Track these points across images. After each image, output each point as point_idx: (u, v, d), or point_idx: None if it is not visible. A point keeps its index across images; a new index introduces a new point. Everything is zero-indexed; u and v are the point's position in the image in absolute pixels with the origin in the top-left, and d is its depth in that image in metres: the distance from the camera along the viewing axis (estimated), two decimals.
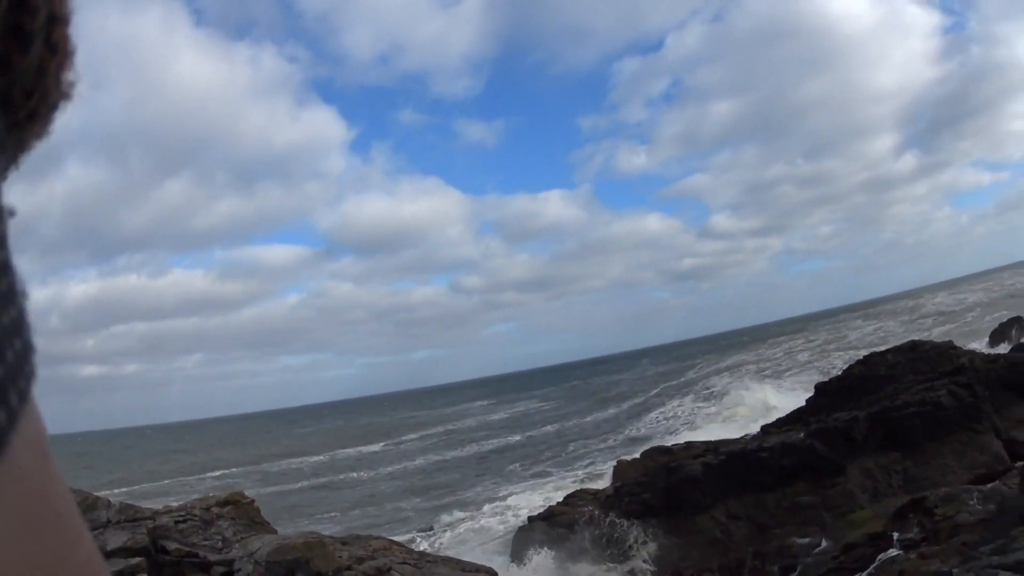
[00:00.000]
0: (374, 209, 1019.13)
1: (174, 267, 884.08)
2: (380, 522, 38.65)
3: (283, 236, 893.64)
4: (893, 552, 16.24)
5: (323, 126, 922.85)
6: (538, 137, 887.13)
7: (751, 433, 31.26)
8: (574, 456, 52.85)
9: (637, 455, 31.76)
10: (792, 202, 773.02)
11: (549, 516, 26.47)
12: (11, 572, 0.58)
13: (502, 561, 25.12)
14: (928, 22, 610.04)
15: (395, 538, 22.05)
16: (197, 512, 17.54)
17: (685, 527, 23.72)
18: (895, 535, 16.95)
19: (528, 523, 26.97)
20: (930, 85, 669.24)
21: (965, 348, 32.06)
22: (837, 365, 53.35)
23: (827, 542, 20.24)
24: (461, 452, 67.57)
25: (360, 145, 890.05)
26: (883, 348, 33.57)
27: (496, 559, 25.26)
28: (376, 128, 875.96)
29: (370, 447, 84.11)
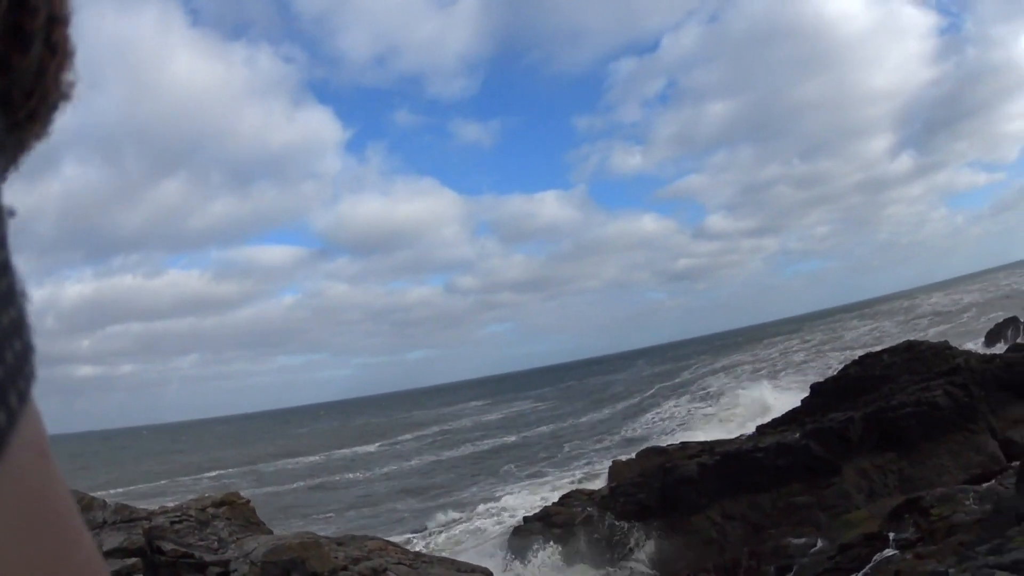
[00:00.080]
0: (370, 209, 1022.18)
1: (170, 267, 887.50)
2: (376, 523, 38.61)
3: (279, 236, 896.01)
4: (889, 552, 16.25)
5: (319, 126, 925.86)
6: (534, 138, 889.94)
7: (746, 433, 31.31)
8: (570, 456, 52.80)
9: (633, 455, 31.77)
10: (788, 202, 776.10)
11: (545, 516, 26.50)
12: (11, 572, 0.58)
13: (498, 561, 25.11)
14: (924, 23, 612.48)
15: (391, 538, 22.03)
16: (193, 513, 17.53)
17: (681, 527, 23.73)
18: (891, 535, 16.97)
19: (524, 523, 26.99)
20: (926, 86, 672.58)
21: (961, 348, 32.17)
22: (833, 365, 53.32)
23: (823, 542, 20.23)
24: (457, 452, 67.53)
25: (356, 145, 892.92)
26: (879, 348, 33.63)
27: (492, 559, 25.24)
28: (372, 129, 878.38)
29: (366, 447, 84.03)
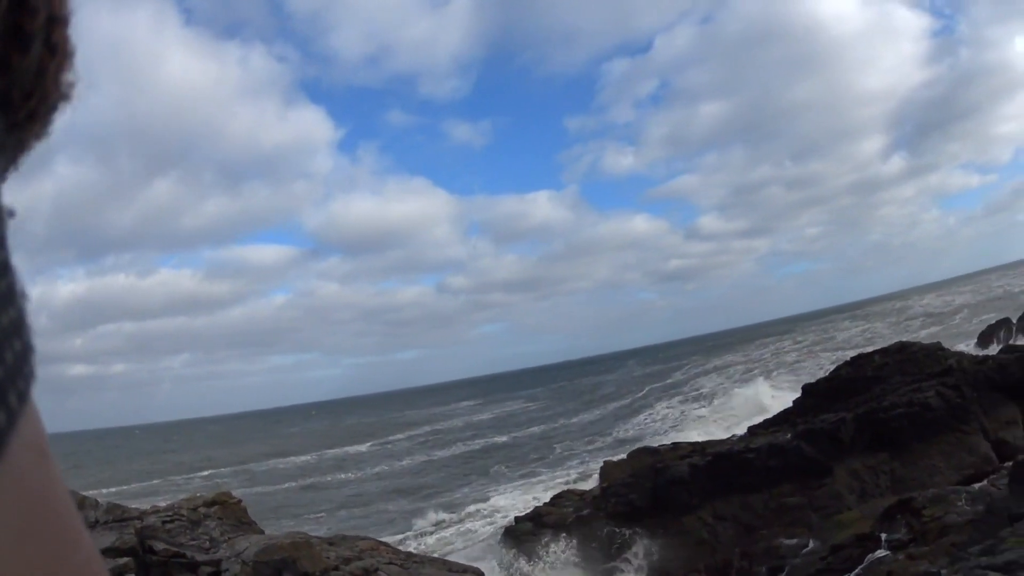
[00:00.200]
0: (361, 209, 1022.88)
1: (162, 267, 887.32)
2: (367, 522, 38.60)
3: (270, 236, 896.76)
4: (881, 553, 16.28)
5: (311, 126, 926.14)
6: (526, 138, 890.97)
7: (738, 434, 31.33)
8: (561, 457, 52.88)
9: (624, 456, 31.74)
10: (780, 204, 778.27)
11: (536, 517, 26.49)
12: (11, 572, 0.58)
13: (489, 562, 25.10)
14: (917, 25, 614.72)
15: (382, 538, 22.02)
16: (184, 512, 17.51)
17: (672, 528, 23.71)
18: (883, 536, 17.00)
19: (515, 524, 26.96)
20: (919, 88, 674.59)
21: (953, 350, 32.19)
22: (825, 366, 53.38)
23: (815, 543, 20.25)
24: (448, 452, 67.57)
25: (348, 145, 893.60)
26: (871, 349, 33.64)
27: (483, 560, 25.24)
28: (364, 128, 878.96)
29: (357, 447, 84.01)
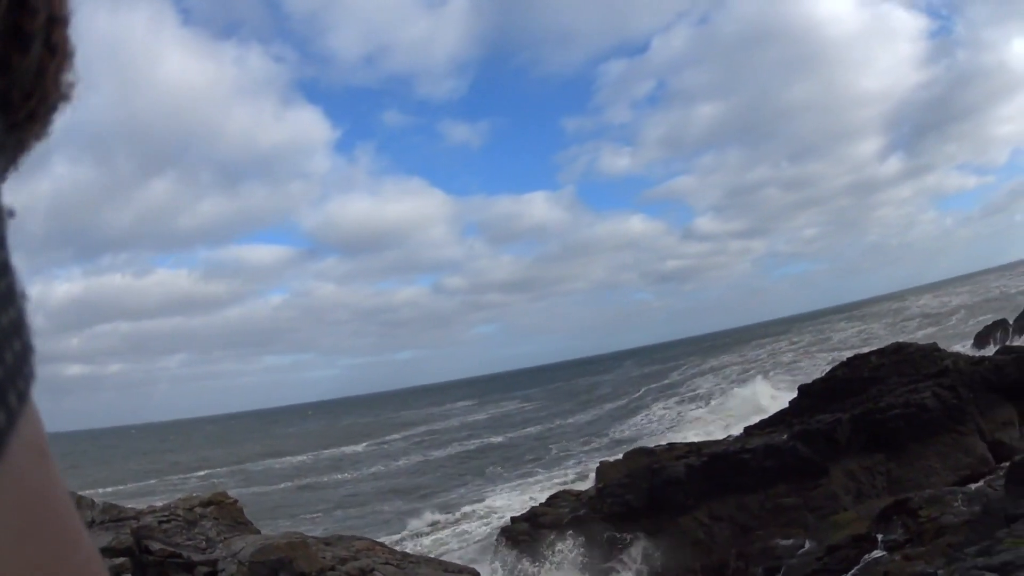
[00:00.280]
0: (358, 209, 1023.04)
1: (158, 267, 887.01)
2: (363, 523, 38.57)
3: (267, 236, 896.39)
4: (877, 553, 16.28)
5: (308, 126, 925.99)
6: (522, 138, 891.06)
7: (734, 434, 31.34)
8: (557, 457, 52.87)
9: (620, 456, 31.72)
10: (776, 205, 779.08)
11: (532, 517, 26.45)
12: (11, 572, 0.58)
13: (484, 562, 25.10)
14: (914, 26, 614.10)
15: (378, 539, 22.00)
16: (181, 512, 17.50)
17: (668, 528, 23.69)
18: (879, 536, 17.00)
19: (511, 524, 26.94)
20: (916, 89, 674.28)
21: (950, 350, 32.19)
22: (821, 366, 53.39)
23: (811, 543, 20.24)
24: (444, 453, 67.52)
25: (345, 145, 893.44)
26: (867, 350, 33.66)
27: (478, 560, 25.26)
28: (361, 128, 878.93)
29: (353, 447, 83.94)
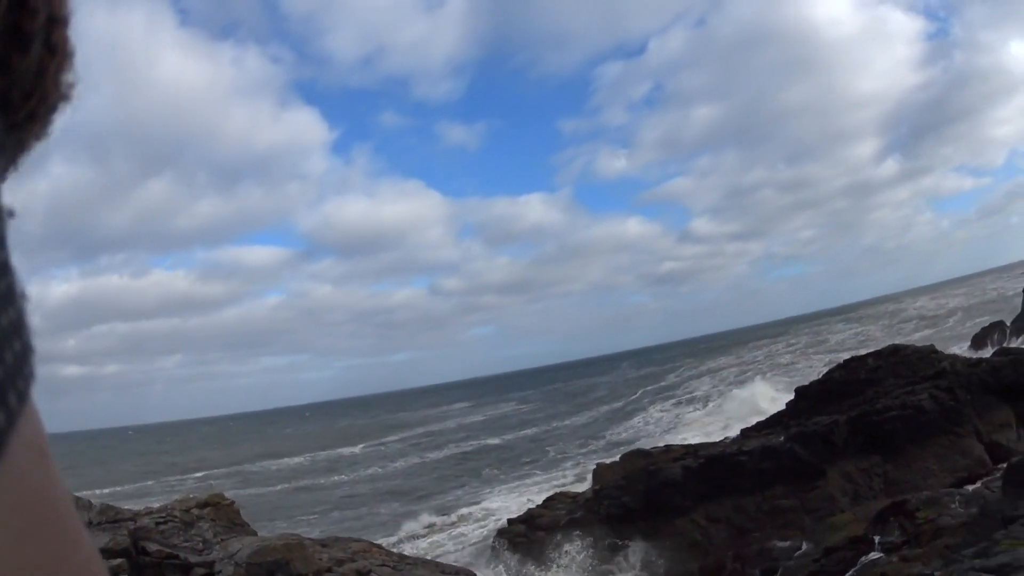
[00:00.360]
0: (355, 211, 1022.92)
1: (155, 267, 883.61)
2: (360, 524, 38.53)
3: (264, 237, 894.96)
4: (875, 555, 16.28)
5: (305, 127, 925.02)
6: (519, 140, 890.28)
7: (731, 436, 31.35)
8: (554, 459, 52.87)
9: (617, 458, 31.71)
10: (773, 207, 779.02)
11: (528, 519, 26.46)
12: (11, 572, 0.58)
13: (481, 564, 25.10)
14: (912, 28, 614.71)
15: (375, 540, 21.97)
16: (177, 513, 17.45)
17: (665, 530, 23.70)
18: (876, 538, 17.00)
19: (507, 526, 26.94)
20: (913, 91, 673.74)
21: (947, 352, 32.17)
22: (818, 368, 53.38)
23: (808, 545, 20.23)
24: (441, 454, 67.48)
25: (342, 146, 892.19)
26: (864, 352, 33.65)
27: (475, 561, 25.25)
28: (358, 130, 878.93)
29: (350, 449, 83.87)
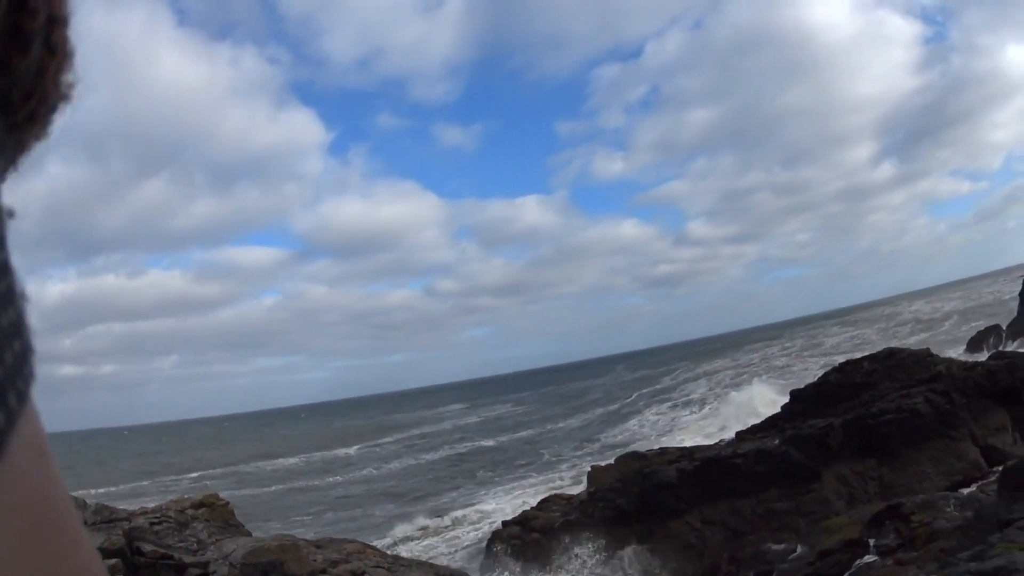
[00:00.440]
0: (351, 212, 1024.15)
1: (152, 268, 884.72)
2: (354, 526, 38.50)
3: (260, 238, 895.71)
4: (870, 558, 16.29)
5: (302, 128, 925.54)
6: (515, 142, 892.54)
7: (726, 439, 31.34)
8: (548, 461, 52.85)
9: (612, 461, 31.71)
10: (769, 210, 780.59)
11: (523, 521, 26.43)
12: (11, 573, 0.58)
13: (475, 566, 25.10)
14: (909, 32, 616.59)
15: (369, 542, 21.95)
16: (172, 514, 17.45)
17: (660, 533, 23.68)
18: (871, 541, 17.01)
19: (502, 527, 26.91)
20: (910, 95, 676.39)
21: (942, 356, 32.16)
22: (813, 371, 53.37)
23: (803, 548, 20.26)
24: (436, 456, 67.46)
25: (338, 148, 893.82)
26: (859, 355, 33.65)
27: (470, 563, 25.24)
28: (354, 131, 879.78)
29: (345, 450, 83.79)
